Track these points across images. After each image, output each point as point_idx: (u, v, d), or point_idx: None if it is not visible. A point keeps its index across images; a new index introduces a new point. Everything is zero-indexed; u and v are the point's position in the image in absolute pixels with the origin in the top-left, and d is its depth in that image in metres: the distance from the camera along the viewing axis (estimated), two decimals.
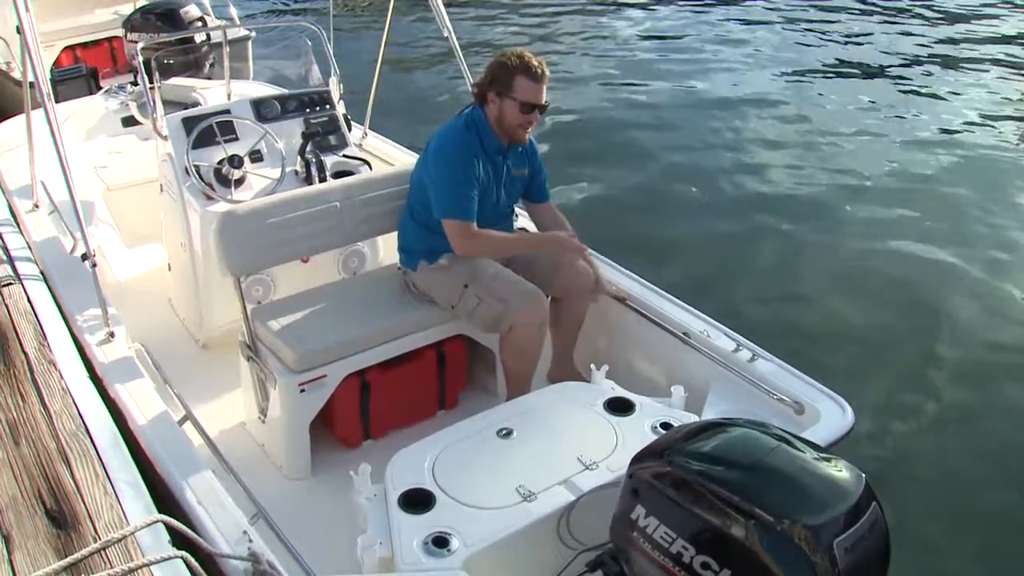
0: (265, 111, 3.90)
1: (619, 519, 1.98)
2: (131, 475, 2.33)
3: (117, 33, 6.12)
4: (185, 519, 2.26)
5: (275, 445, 3.20)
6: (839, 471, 1.87)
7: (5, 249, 3.55)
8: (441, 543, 2.17)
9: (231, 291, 3.15)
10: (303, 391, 3.02)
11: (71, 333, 3.04)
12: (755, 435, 1.94)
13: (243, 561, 2.10)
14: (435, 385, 3.38)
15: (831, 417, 2.75)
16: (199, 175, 3.64)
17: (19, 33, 3.28)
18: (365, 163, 3.98)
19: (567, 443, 2.53)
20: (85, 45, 6.80)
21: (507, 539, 2.22)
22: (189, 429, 2.87)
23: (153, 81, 3.82)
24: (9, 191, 4.19)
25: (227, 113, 3.81)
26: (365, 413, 3.25)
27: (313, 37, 4.28)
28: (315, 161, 3.82)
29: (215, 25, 5.43)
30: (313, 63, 4.30)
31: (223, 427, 3.33)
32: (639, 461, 1.99)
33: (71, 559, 1.99)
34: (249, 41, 5.24)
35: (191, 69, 4.63)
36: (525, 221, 3.80)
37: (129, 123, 4.64)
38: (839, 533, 1.74)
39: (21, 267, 3.41)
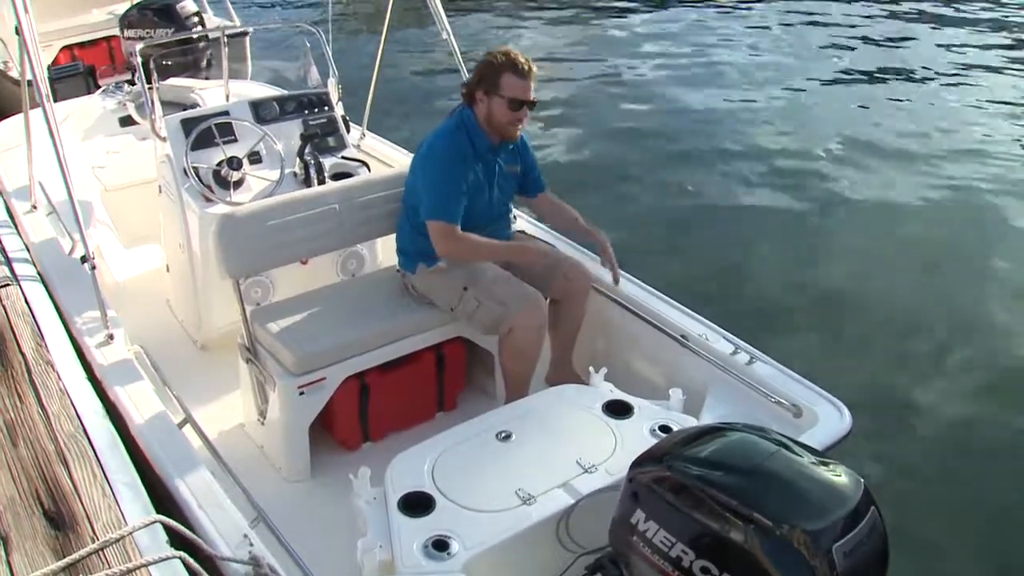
0: (264, 112, 3.90)
1: (618, 523, 1.98)
2: (129, 476, 2.33)
3: (115, 32, 6.09)
4: (184, 521, 2.26)
5: (274, 447, 3.21)
6: (838, 476, 1.87)
7: (3, 250, 3.55)
8: (441, 546, 2.18)
9: (230, 292, 3.15)
10: (302, 393, 3.02)
11: (70, 335, 3.04)
12: (754, 440, 1.94)
13: (244, 565, 2.10)
14: (434, 387, 3.39)
15: (829, 420, 2.75)
16: (198, 177, 3.64)
17: (18, 35, 3.27)
18: (364, 164, 3.99)
19: (566, 446, 2.53)
20: (83, 45, 6.78)
21: (507, 542, 2.23)
22: (188, 431, 2.87)
23: (151, 82, 3.82)
24: (7, 192, 4.19)
25: (226, 115, 3.81)
26: (364, 415, 3.25)
27: (312, 38, 4.28)
28: (314, 163, 3.83)
29: (213, 24, 5.42)
30: (312, 64, 4.30)
31: (222, 429, 3.33)
32: (638, 465, 1.99)
33: (69, 559, 1.99)
34: (247, 38, 5.22)
35: (190, 70, 4.62)
36: (524, 223, 3.81)
37: (127, 123, 4.63)
38: (838, 538, 1.74)
39: (18, 268, 3.41)
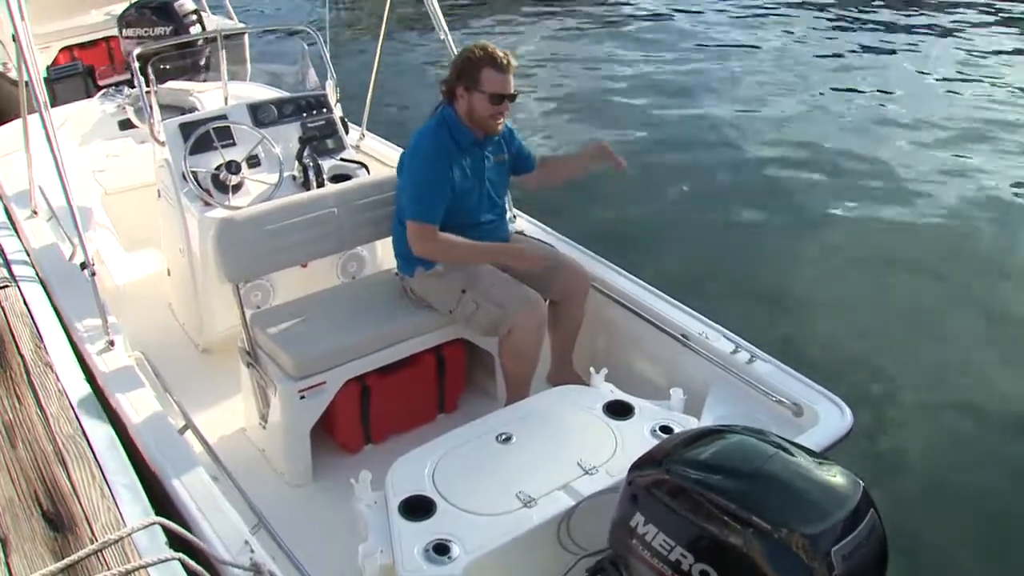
0: (262, 116, 3.89)
1: (618, 526, 1.98)
2: (128, 477, 2.33)
3: (114, 33, 6.07)
4: (184, 525, 2.26)
5: (276, 451, 3.21)
6: (837, 478, 1.87)
7: (2, 253, 3.55)
8: (442, 550, 2.17)
9: (231, 296, 3.15)
10: (303, 397, 3.03)
11: (71, 341, 3.04)
12: (752, 442, 1.95)
13: (245, 571, 2.11)
14: (435, 389, 3.39)
15: (830, 419, 2.74)
16: (196, 181, 3.64)
17: (15, 41, 3.27)
18: (363, 166, 3.98)
19: (567, 448, 2.53)
20: (82, 46, 6.75)
21: (508, 545, 2.22)
22: (189, 436, 2.88)
23: (150, 85, 3.82)
24: (6, 197, 4.19)
25: (224, 119, 3.81)
26: (365, 418, 3.25)
27: (309, 40, 4.27)
28: (312, 165, 3.82)
29: (211, 24, 5.41)
30: (310, 66, 4.30)
31: (223, 433, 3.33)
32: (637, 468, 1.99)
33: (68, 561, 2.00)
34: (245, 38, 5.21)
35: (188, 72, 4.61)
36: (524, 223, 3.81)
37: (125, 126, 4.61)
38: (837, 541, 1.75)
39: (17, 270, 3.41)
